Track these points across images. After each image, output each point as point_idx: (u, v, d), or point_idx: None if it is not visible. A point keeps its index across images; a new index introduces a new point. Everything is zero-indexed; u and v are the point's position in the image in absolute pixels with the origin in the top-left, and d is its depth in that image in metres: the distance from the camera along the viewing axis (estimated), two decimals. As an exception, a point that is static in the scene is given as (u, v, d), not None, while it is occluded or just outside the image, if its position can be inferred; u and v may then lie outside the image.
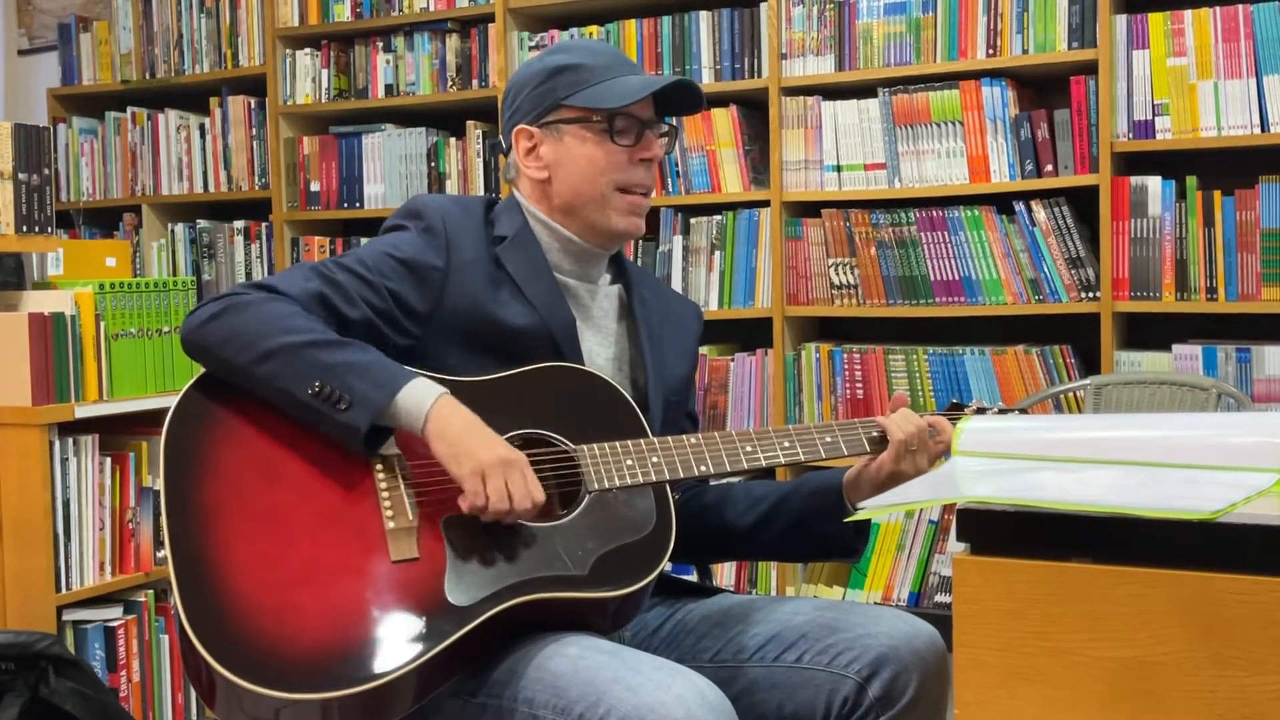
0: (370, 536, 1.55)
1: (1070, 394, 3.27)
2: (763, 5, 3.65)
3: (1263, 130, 3.12)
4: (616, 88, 1.78)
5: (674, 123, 1.88)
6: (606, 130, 1.79)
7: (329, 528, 1.56)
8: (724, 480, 2.00)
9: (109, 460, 2.83)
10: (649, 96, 1.80)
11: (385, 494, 1.59)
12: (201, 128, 4.50)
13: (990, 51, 3.40)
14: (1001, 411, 1.81)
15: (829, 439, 1.73)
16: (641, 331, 1.86)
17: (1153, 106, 3.23)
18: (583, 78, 1.80)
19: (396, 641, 1.47)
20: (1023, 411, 1.87)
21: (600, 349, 1.85)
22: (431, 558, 1.55)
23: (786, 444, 1.72)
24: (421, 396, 1.58)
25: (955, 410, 1.81)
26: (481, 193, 4.03)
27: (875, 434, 1.75)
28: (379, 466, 1.61)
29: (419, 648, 1.47)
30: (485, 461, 1.55)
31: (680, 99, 1.84)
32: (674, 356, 1.90)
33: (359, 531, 1.56)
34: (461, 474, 1.56)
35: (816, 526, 1.82)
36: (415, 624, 1.49)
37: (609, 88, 1.79)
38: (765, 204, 3.67)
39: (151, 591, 2.92)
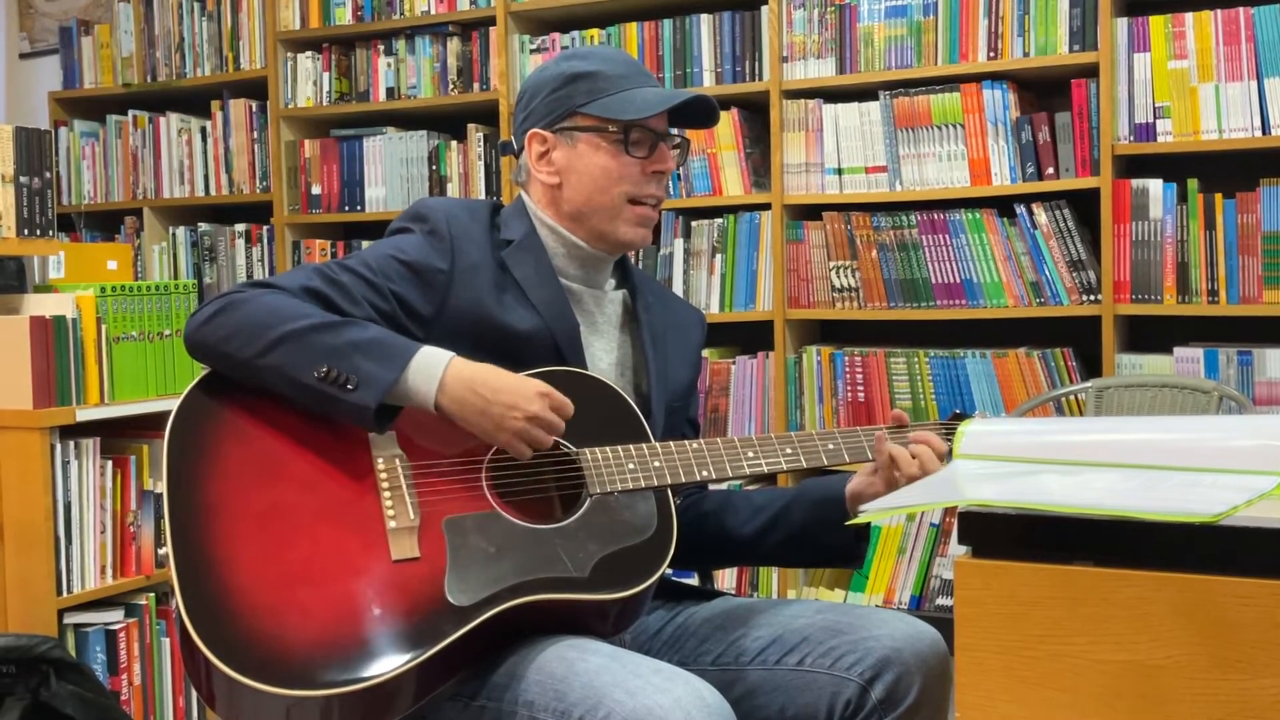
0: (372, 535, 1.56)
1: (1071, 397, 3.27)
2: (763, 8, 3.66)
3: (1264, 133, 3.12)
4: (635, 99, 1.78)
5: (685, 135, 1.88)
6: (621, 141, 1.79)
7: (330, 527, 1.56)
8: (724, 486, 2.00)
9: (110, 463, 2.83)
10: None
11: (387, 493, 1.60)
12: (203, 131, 4.50)
13: (991, 54, 3.40)
14: None
15: (831, 446, 1.73)
16: (645, 337, 1.86)
17: (1154, 109, 3.23)
18: (600, 86, 1.79)
19: (397, 640, 1.48)
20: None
21: (603, 354, 1.85)
22: (432, 557, 1.55)
23: (788, 450, 1.72)
24: (429, 373, 1.59)
25: (957, 420, 1.81)
26: (483, 196, 4.03)
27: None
28: (381, 465, 1.62)
29: (419, 647, 1.47)
30: (518, 429, 1.60)
31: (695, 112, 1.83)
32: (677, 362, 1.91)
33: (360, 530, 1.56)
34: (502, 443, 1.62)
35: (819, 537, 1.81)
36: (415, 623, 1.49)
37: (627, 98, 1.78)
38: (766, 207, 3.67)
39: (153, 595, 2.93)
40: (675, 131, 1.86)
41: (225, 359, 1.64)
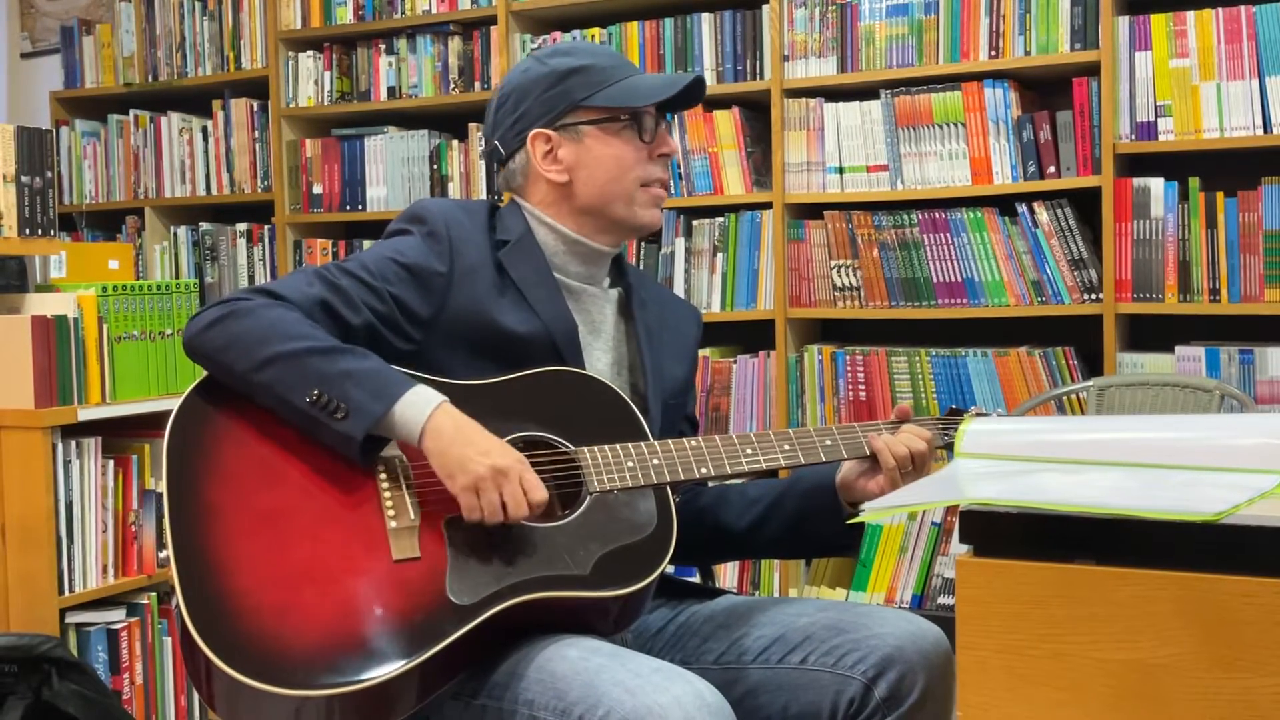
0: (372, 536, 1.56)
1: (1073, 395, 3.26)
2: (764, 7, 3.65)
3: (1265, 131, 3.12)
4: (638, 86, 1.80)
5: (670, 118, 1.91)
6: (631, 129, 1.80)
7: (331, 527, 1.56)
8: (720, 482, 2.00)
9: (111, 463, 2.83)
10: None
11: (387, 494, 1.59)
12: (204, 130, 4.50)
13: (992, 53, 3.40)
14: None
15: (829, 442, 1.73)
16: (641, 335, 1.86)
17: (1155, 108, 3.23)
18: (596, 79, 1.80)
19: (398, 640, 1.47)
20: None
21: (600, 353, 1.85)
22: (433, 557, 1.55)
23: (786, 447, 1.72)
24: (417, 410, 1.57)
25: (954, 416, 1.81)
26: (484, 195, 4.03)
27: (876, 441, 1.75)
28: (381, 467, 1.62)
29: (421, 646, 1.47)
30: (477, 475, 1.55)
31: (685, 94, 1.85)
32: (673, 360, 1.91)
33: (361, 531, 1.56)
34: (455, 489, 1.56)
35: (812, 526, 1.82)
36: (417, 622, 1.49)
37: (628, 87, 1.80)
38: (767, 206, 3.67)
39: (154, 594, 2.93)
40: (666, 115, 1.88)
41: (221, 368, 1.63)
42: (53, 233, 2.92)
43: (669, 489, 1.68)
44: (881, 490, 1.72)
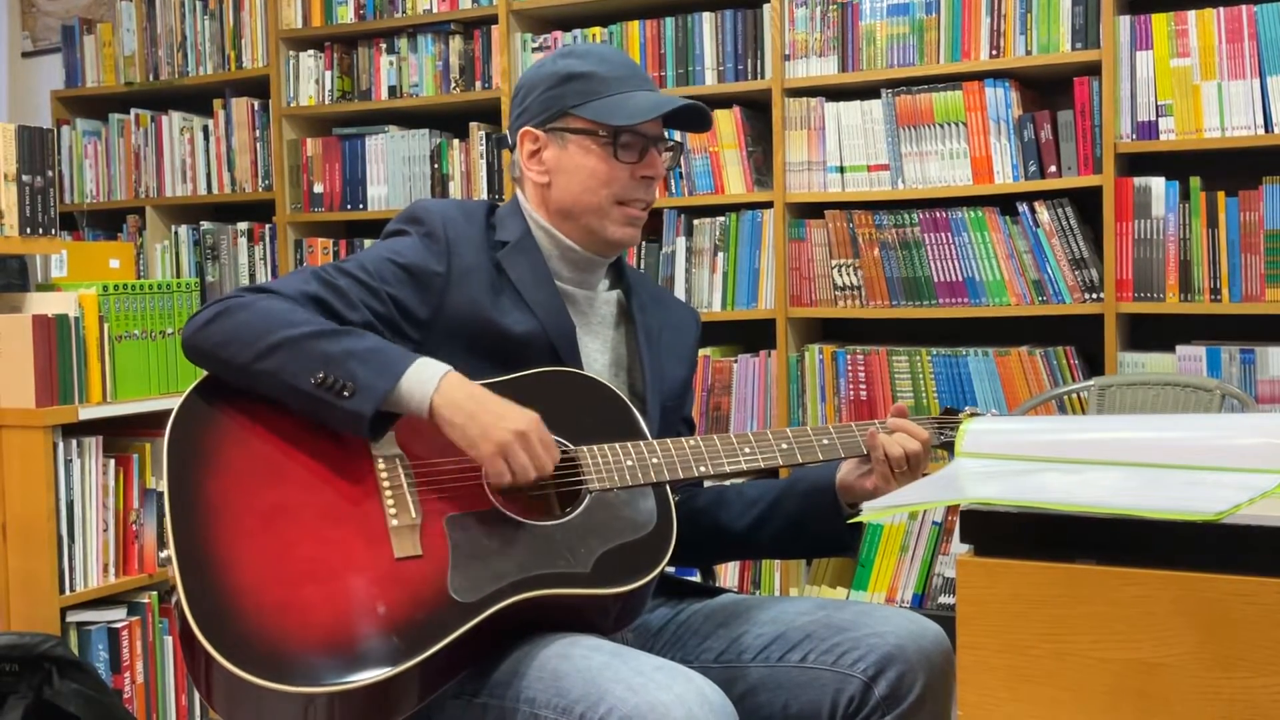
0: (373, 533, 1.56)
1: (1074, 395, 3.26)
2: (765, 7, 3.65)
3: (1266, 131, 3.12)
4: (626, 104, 1.78)
5: (679, 138, 1.88)
6: (610, 146, 1.79)
7: (332, 525, 1.56)
8: (718, 483, 2.00)
9: (112, 462, 2.83)
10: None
11: (388, 492, 1.60)
12: (205, 130, 4.50)
13: (994, 52, 3.40)
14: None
15: (826, 441, 1.74)
16: (640, 337, 1.86)
17: (1156, 107, 3.23)
18: (593, 88, 1.79)
19: (400, 637, 1.48)
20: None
21: (598, 355, 1.85)
22: (435, 554, 1.56)
23: (784, 446, 1.73)
24: (425, 381, 1.58)
25: (950, 415, 1.81)
26: (485, 195, 4.04)
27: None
28: (381, 465, 1.62)
29: (423, 643, 1.47)
30: (502, 440, 1.57)
31: (688, 117, 1.83)
32: (672, 361, 1.91)
33: (362, 529, 1.56)
34: (482, 457, 1.58)
35: (812, 527, 1.82)
36: (419, 620, 1.49)
37: (618, 103, 1.78)
38: (768, 205, 3.67)
39: (155, 593, 2.93)
40: (671, 135, 1.86)
41: (222, 364, 1.64)
42: (54, 232, 2.92)
43: (668, 488, 1.68)
44: (878, 489, 1.73)
